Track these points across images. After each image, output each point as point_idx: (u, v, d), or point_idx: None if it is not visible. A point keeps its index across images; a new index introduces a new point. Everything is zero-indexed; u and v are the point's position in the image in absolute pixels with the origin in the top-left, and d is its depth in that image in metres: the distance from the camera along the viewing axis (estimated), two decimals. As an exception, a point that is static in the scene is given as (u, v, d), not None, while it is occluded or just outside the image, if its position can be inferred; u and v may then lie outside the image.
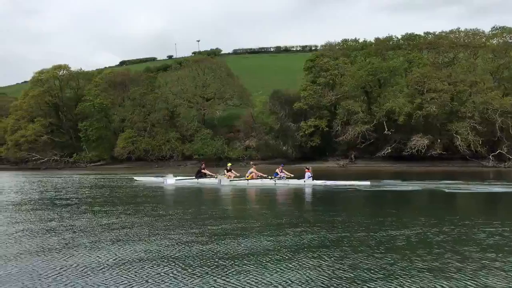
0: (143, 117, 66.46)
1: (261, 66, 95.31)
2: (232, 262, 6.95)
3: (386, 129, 50.64)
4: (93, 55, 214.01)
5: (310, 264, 6.81)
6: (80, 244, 8.36)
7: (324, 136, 55.20)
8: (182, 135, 65.06)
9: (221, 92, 66.59)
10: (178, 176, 27.85)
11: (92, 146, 69.31)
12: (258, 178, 24.56)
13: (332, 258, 7.12)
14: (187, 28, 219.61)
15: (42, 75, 72.55)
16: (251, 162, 26.87)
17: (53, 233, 9.48)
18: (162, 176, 27.07)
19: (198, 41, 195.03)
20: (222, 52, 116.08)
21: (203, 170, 26.15)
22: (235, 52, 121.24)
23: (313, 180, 23.62)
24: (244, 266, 6.72)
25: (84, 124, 68.39)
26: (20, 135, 69.05)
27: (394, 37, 60.18)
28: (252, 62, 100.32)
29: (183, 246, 8.10)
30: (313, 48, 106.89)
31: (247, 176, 24.96)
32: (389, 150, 50.76)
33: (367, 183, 21.95)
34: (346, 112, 53.15)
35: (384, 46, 58.71)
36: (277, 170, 24.93)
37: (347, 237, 8.82)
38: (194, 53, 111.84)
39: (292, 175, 24.83)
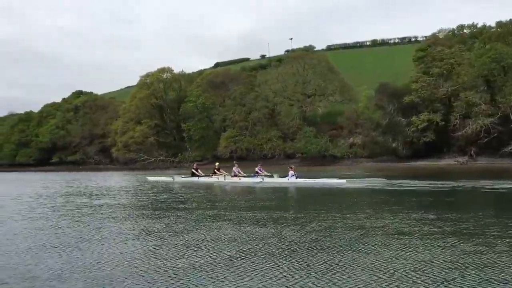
0: (244, 116, 66.40)
1: (358, 60, 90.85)
2: None
3: (515, 122, 45.15)
4: (187, 59, 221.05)
5: None
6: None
7: (438, 131, 50.62)
8: (284, 134, 63.80)
9: (322, 88, 64.15)
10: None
11: (195, 146, 70.74)
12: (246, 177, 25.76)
13: None
14: (277, 27, 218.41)
15: (148, 78, 75.45)
16: (234, 161, 28.91)
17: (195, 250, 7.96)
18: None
19: (291, 39, 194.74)
20: (315, 49, 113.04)
21: (196, 171, 27.67)
22: (329, 48, 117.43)
23: (296, 178, 23.44)
24: None
25: (187, 124, 70.05)
26: (128, 136, 72.26)
27: (520, 18, 53.58)
28: (348, 57, 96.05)
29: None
30: (413, 40, 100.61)
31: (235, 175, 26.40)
32: (519, 145, 45.15)
33: (343, 181, 22.06)
34: (464, 105, 48.24)
35: (508, 30, 52.33)
36: (257, 169, 25.83)
37: None
38: (287, 51, 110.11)
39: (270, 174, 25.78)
